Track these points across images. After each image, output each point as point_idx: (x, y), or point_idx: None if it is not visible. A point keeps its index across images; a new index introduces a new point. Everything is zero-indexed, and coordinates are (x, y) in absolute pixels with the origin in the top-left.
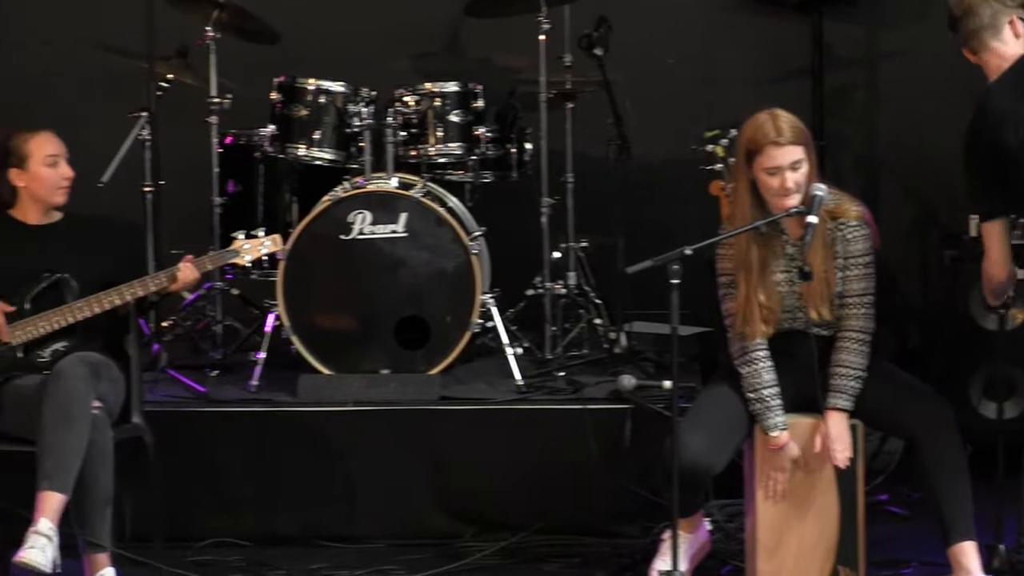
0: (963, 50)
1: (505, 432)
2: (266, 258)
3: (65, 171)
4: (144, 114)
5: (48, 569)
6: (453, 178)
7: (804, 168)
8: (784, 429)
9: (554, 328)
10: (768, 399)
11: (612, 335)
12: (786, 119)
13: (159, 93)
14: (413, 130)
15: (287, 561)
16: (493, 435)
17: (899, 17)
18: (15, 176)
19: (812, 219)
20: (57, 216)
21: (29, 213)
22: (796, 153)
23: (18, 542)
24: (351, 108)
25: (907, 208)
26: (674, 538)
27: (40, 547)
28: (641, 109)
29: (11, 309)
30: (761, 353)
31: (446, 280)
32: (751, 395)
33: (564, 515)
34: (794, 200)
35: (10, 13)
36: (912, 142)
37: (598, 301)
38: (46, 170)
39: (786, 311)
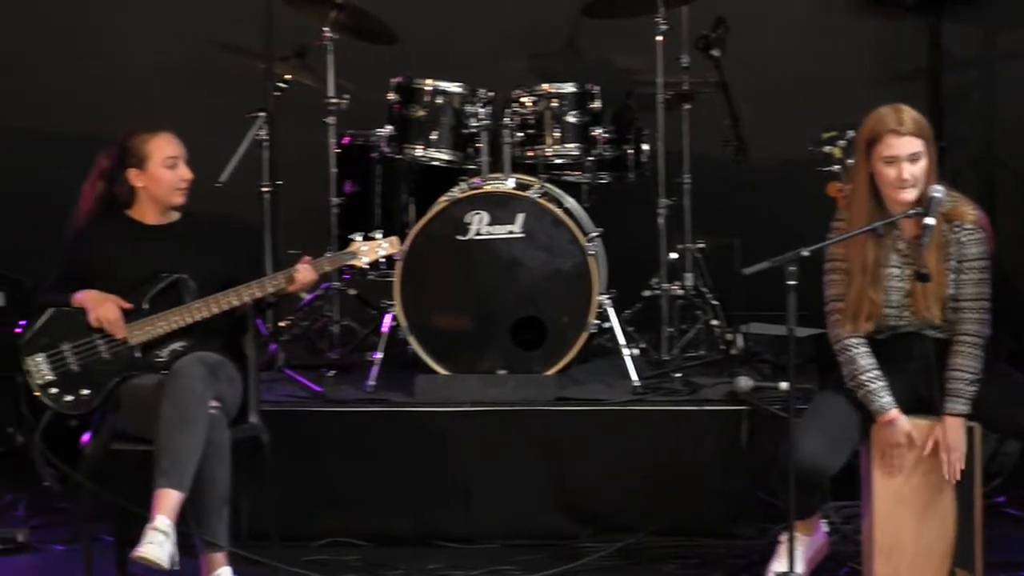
0: None
1: (621, 433)
2: (383, 259)
3: (184, 173)
4: (262, 114)
5: (166, 565)
6: (570, 179)
7: (923, 163)
8: (893, 407)
9: (671, 329)
10: (870, 383)
11: (728, 336)
12: (909, 112)
13: (277, 93)
14: (530, 131)
15: (403, 561)
16: (610, 436)
17: (1017, 17)
18: (134, 177)
19: (930, 221)
20: (175, 216)
21: (147, 213)
22: (915, 145)
23: (135, 541)
24: (468, 109)
25: None
26: (791, 540)
27: (158, 543)
28: (758, 110)
29: (129, 306)
30: (856, 340)
31: (563, 281)
32: (852, 383)
33: (681, 516)
34: (911, 194)
35: (132, 13)
36: None
37: (715, 302)
38: (165, 172)
39: (892, 307)
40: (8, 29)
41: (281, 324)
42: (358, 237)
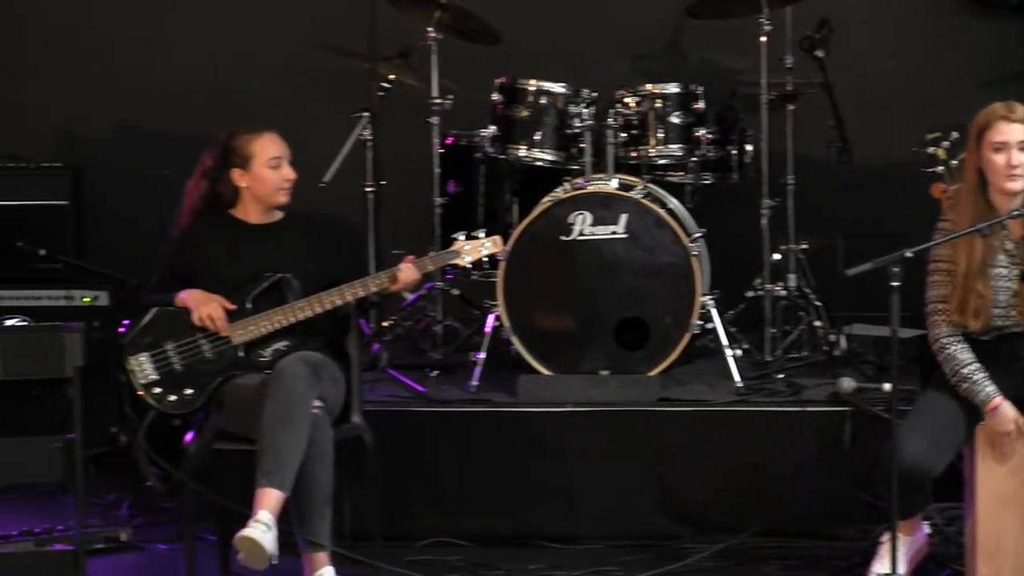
0: None
1: (724, 434)
2: (486, 259)
3: (287, 173)
4: (366, 114)
5: (268, 548)
6: (673, 179)
7: None
8: (998, 395)
9: (774, 330)
10: (972, 375)
11: (832, 337)
12: (1020, 105)
13: (381, 94)
14: (634, 131)
15: (506, 561)
16: (712, 436)
17: None
18: (238, 176)
19: None
20: (278, 215)
21: (251, 212)
22: None
23: None
24: (572, 109)
25: None
26: (893, 540)
27: (261, 530)
28: (861, 111)
29: (232, 307)
30: (953, 338)
31: (666, 281)
32: (955, 379)
33: (782, 517)
34: (1019, 184)
35: (239, 14)
36: None
37: (818, 303)
38: (269, 172)
39: (999, 307)
40: (120, 31)
41: (384, 324)
42: (461, 237)
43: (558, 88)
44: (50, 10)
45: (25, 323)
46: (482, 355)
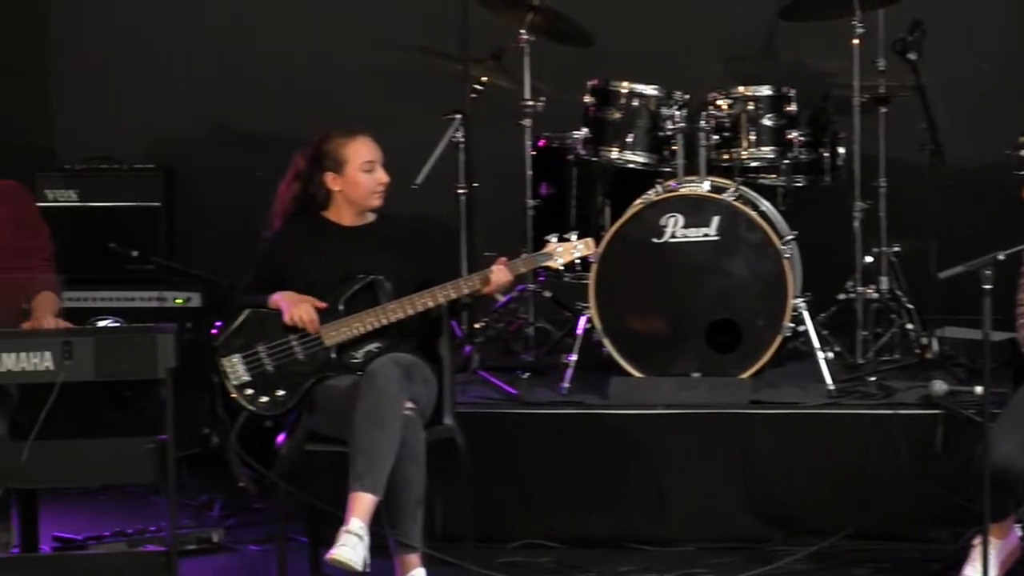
0: None
1: (815, 436)
2: (578, 261)
3: (381, 176)
4: (458, 116)
5: (359, 568)
6: (765, 182)
7: None
8: None
9: (865, 333)
10: None
11: (924, 340)
12: None
13: (474, 96)
14: (726, 134)
15: (597, 563)
16: (803, 439)
17: None
18: (331, 180)
19: None
20: (371, 218)
21: (343, 215)
22: None
23: (329, 541)
24: (664, 111)
25: None
26: (984, 544)
27: (351, 545)
28: (954, 114)
29: (324, 306)
30: None
31: (758, 284)
32: None
33: (874, 520)
34: None
35: (333, 17)
36: None
37: (910, 306)
38: (362, 176)
39: None
40: (213, 32)
41: (476, 326)
42: (553, 239)
43: (650, 90)
44: (143, 13)
45: (117, 324)
46: (574, 357)
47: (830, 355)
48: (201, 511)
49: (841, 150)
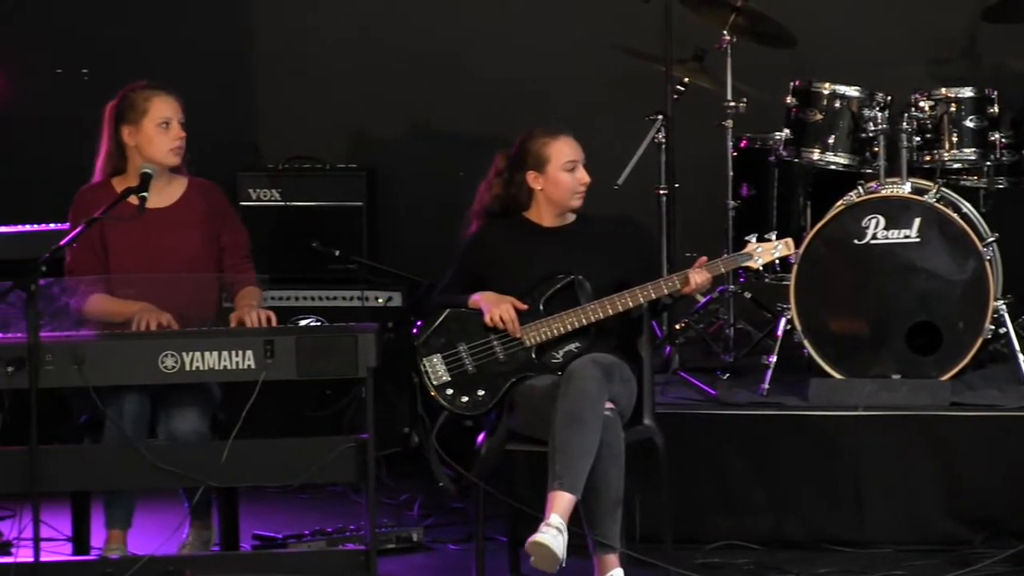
0: None
1: (1016, 439)
2: (778, 261)
3: (582, 176)
4: (660, 117)
5: (559, 554)
6: (967, 184)
7: None
8: None
9: None
10: None
11: None
12: None
13: (676, 96)
14: (927, 135)
15: (795, 565)
16: (1004, 441)
17: None
18: (532, 179)
19: None
20: (571, 218)
21: (544, 215)
22: None
23: (527, 540)
24: (866, 113)
25: None
26: None
27: (552, 534)
28: None
29: (524, 307)
30: None
31: (959, 286)
32: None
33: None
34: None
35: (537, 16)
36: None
37: None
38: (564, 175)
39: None
40: (413, 32)
41: (676, 326)
42: (753, 239)
43: (852, 91)
44: (344, 13)
45: (318, 324)
46: (773, 358)
47: None
48: (400, 510)
49: None
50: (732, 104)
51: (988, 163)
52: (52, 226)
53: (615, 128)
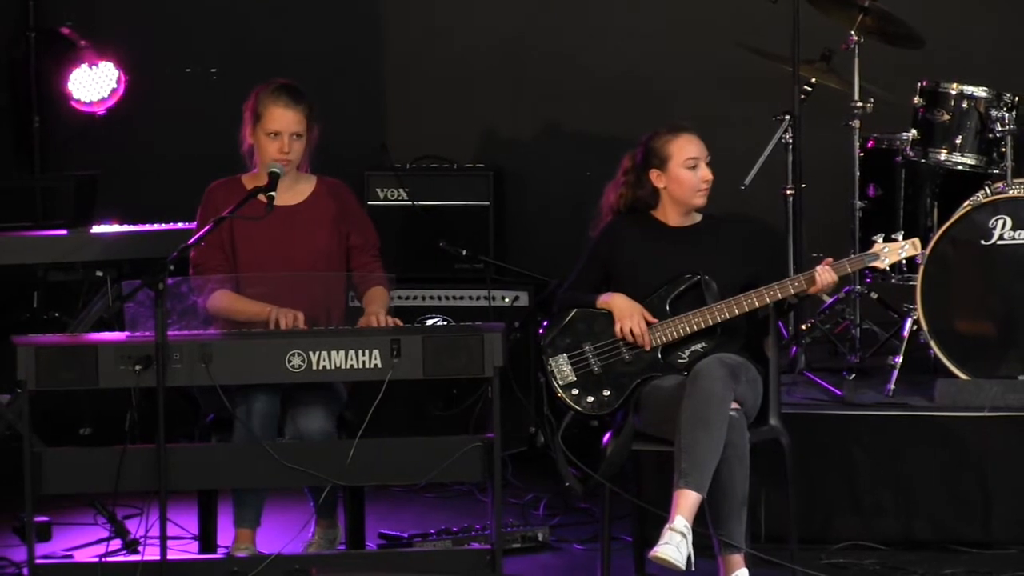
0: None
1: None
2: (904, 262)
3: (705, 174)
4: (788, 117)
5: (682, 566)
6: None
7: None
8: None
9: None
10: None
11: None
12: None
13: (803, 96)
14: None
15: (921, 565)
16: None
17: None
18: (655, 177)
19: None
20: (697, 218)
21: (670, 214)
22: None
23: (654, 542)
24: (993, 113)
25: None
26: None
27: (675, 544)
28: None
29: (655, 320)
30: None
31: None
32: None
33: None
34: None
35: (664, 14)
36: None
37: None
38: (686, 172)
39: None
40: (541, 31)
41: (802, 327)
42: (879, 239)
43: (980, 92)
44: (473, 13)
45: (445, 323)
46: (899, 359)
47: None
48: (526, 510)
49: None
50: (859, 104)
51: None
52: (180, 225)
53: (742, 128)
